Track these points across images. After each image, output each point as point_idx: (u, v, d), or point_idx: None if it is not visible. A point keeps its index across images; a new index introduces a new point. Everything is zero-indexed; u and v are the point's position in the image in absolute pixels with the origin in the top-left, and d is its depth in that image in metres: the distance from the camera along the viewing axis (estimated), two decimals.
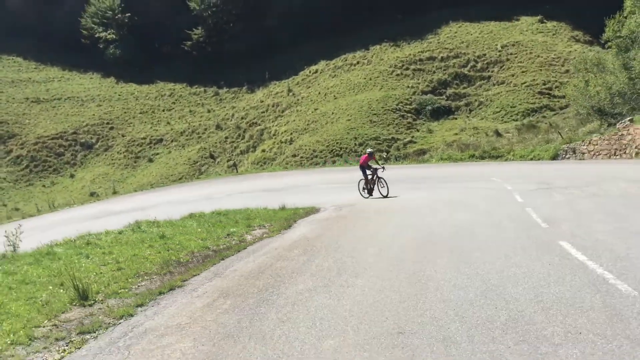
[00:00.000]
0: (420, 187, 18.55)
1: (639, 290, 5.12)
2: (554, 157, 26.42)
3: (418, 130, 39.05)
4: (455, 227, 9.66)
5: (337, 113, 41.21)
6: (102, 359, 4.48)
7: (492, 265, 6.47)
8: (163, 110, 52.59)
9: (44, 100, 54.63)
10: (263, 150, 41.47)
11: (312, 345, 4.51)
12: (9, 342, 4.79)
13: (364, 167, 17.73)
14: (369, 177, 17.62)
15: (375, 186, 17.52)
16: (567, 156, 26.19)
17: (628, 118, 24.30)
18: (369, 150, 19.13)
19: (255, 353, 4.46)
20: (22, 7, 59.69)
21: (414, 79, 43.47)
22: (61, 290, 6.41)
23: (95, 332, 5.11)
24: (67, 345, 4.82)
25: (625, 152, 23.77)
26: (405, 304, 5.31)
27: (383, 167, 17.91)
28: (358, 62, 47.80)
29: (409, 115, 40.29)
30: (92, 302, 6.02)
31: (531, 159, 27.07)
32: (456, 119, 39.86)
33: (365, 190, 17.81)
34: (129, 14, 56.54)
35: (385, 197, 16.76)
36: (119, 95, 55.16)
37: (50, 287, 6.63)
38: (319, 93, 45.73)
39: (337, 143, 37.54)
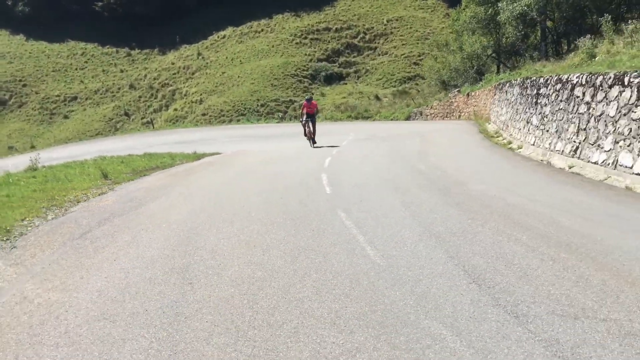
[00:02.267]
0: (298, 139, 27.71)
1: (328, 170, 14.54)
2: (407, 118, 36.59)
3: (313, 94, 48.30)
4: (290, 155, 18.86)
5: (243, 77, 49.63)
6: (133, 185, 13.16)
7: (290, 166, 15.67)
8: (76, 69, 58.53)
9: None
10: (175, 109, 49.24)
11: (208, 179, 13.46)
12: (91, 184, 13.30)
13: (311, 116, 21.28)
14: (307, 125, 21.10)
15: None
16: (416, 117, 36.44)
17: (457, 89, 34.75)
18: (308, 96, 23.01)
19: (187, 183, 13.35)
20: None
21: (311, 47, 52.55)
22: (91, 176, 14.82)
23: (121, 183, 13.64)
24: (114, 185, 13.39)
25: (453, 115, 34.24)
26: (241, 173, 14.38)
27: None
28: (262, 30, 56.15)
29: (306, 80, 49.44)
30: (111, 179, 14.50)
31: (392, 119, 37.06)
32: (346, 84, 49.48)
33: (311, 140, 21.11)
34: None
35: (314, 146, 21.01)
36: (30, 52, 60.24)
37: (85, 175, 14.98)
38: (227, 58, 53.80)
39: (242, 104, 46.08)
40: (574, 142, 13.15)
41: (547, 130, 15.07)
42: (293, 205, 9.34)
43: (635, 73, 11.03)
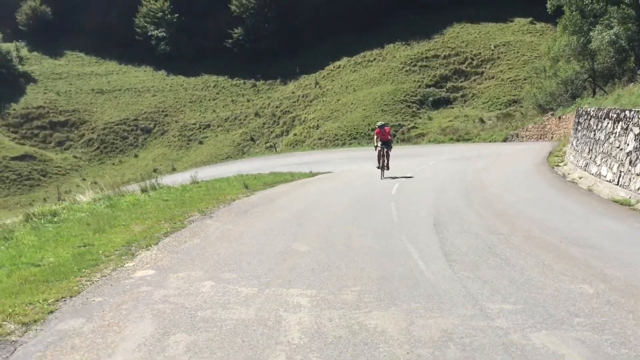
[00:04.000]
0: (396, 160, 33.95)
1: (402, 181, 20.74)
2: (505, 140, 41.60)
3: (420, 118, 54.39)
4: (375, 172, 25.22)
5: (355, 103, 56.83)
6: (266, 192, 20.27)
7: (378, 179, 22.06)
8: (209, 100, 69.06)
9: (106, 91, 71.69)
10: (295, 134, 57.38)
11: (317, 187, 20.23)
12: (238, 192, 20.58)
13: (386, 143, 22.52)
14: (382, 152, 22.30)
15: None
16: (512, 139, 41.37)
17: (550, 112, 39.37)
18: (380, 123, 24.07)
19: (303, 190, 20.20)
20: (82, 6, 76.70)
21: (420, 74, 58.74)
22: (236, 186, 22.19)
23: (258, 191, 20.77)
24: (253, 192, 20.56)
25: (546, 137, 38.88)
26: (341, 184, 20.97)
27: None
28: (375, 59, 63.27)
29: (414, 105, 55.64)
30: (250, 189, 21.74)
31: (490, 141, 42.23)
32: (452, 108, 55.01)
33: (383, 170, 22.18)
34: (177, 14, 73.10)
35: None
36: (170, 86, 71.85)
37: (232, 186, 22.38)
38: (341, 86, 61.41)
39: (354, 129, 53.15)
40: (586, 159, 18.49)
41: (578, 151, 20.35)
42: (365, 200, 15.83)
43: (615, 109, 16.40)
